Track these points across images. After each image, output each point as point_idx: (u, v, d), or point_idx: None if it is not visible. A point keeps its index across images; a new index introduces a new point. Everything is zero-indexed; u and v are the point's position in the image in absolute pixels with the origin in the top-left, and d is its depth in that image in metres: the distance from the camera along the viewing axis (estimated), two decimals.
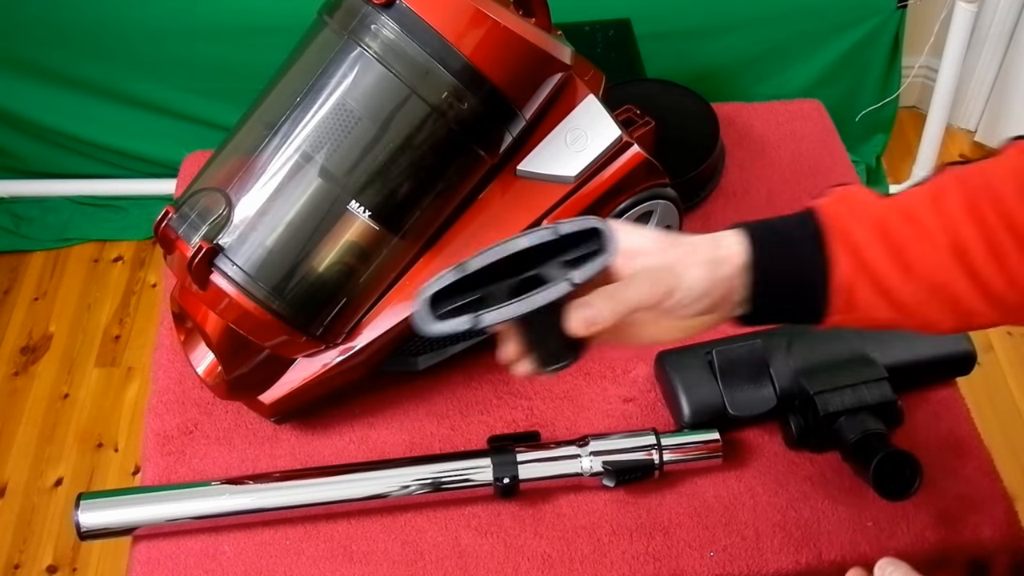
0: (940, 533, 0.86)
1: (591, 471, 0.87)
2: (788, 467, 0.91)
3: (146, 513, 0.86)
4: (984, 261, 0.61)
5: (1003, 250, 0.61)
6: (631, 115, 0.95)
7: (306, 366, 0.88)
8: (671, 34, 1.84)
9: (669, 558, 0.85)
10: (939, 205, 0.63)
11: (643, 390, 0.96)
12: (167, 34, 1.86)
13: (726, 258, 0.63)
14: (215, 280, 0.81)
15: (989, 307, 0.63)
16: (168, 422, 0.95)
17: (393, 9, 0.78)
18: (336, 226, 0.81)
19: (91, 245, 2.12)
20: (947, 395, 0.95)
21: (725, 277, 0.63)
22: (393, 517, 0.88)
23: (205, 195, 0.82)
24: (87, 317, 1.99)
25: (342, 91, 0.80)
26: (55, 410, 1.85)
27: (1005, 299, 0.62)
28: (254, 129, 0.83)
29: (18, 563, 1.66)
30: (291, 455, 0.93)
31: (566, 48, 0.87)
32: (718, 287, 0.63)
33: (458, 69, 0.79)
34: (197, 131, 1.99)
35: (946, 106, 1.97)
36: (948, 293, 0.62)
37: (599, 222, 0.61)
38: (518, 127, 0.85)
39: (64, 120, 2.02)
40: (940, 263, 0.62)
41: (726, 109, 1.21)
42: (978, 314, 0.63)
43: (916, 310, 0.64)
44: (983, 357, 1.80)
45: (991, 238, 0.61)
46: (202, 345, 0.89)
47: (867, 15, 1.90)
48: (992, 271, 0.61)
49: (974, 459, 0.91)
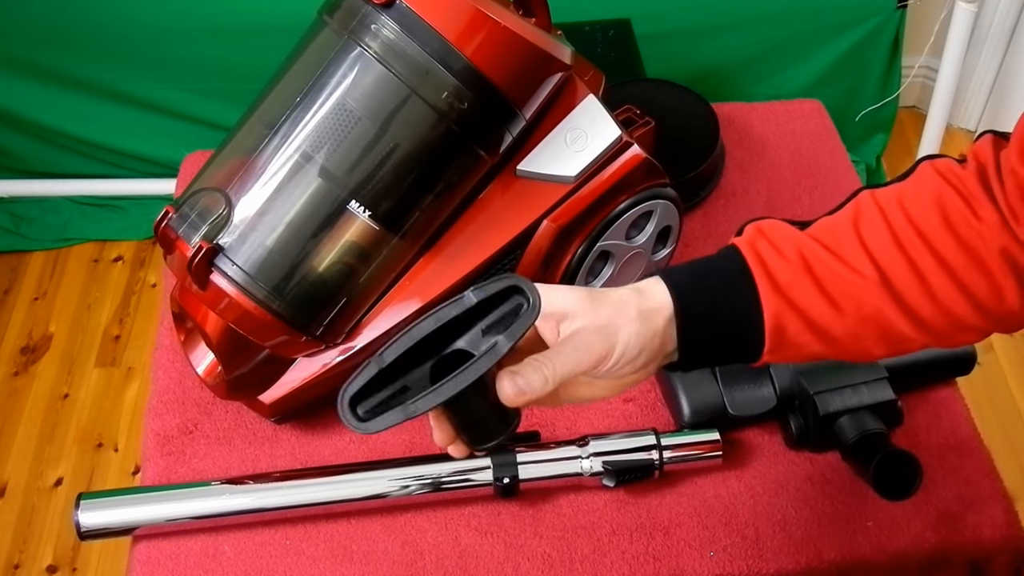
0: (940, 533, 0.86)
1: (591, 471, 0.87)
2: (788, 467, 0.91)
3: (146, 513, 0.86)
4: (912, 290, 0.62)
5: (929, 277, 0.61)
6: (631, 115, 0.95)
7: (306, 366, 0.88)
8: (671, 34, 1.84)
9: (669, 558, 0.85)
10: (861, 235, 0.63)
11: (643, 390, 0.96)
12: (167, 34, 1.86)
13: (655, 310, 0.61)
14: (215, 280, 0.81)
15: (920, 333, 0.63)
16: (168, 422, 0.95)
17: (393, 9, 0.78)
18: (336, 226, 0.81)
19: (91, 245, 2.12)
20: (947, 395, 0.95)
21: (657, 330, 0.61)
22: (393, 517, 0.88)
23: (205, 195, 0.82)
24: (87, 317, 1.99)
25: (342, 91, 0.80)
26: (55, 410, 1.85)
27: (935, 325, 0.63)
28: (254, 129, 0.83)
29: (18, 563, 1.66)
30: (291, 455, 0.93)
31: (566, 48, 0.87)
32: (652, 341, 0.61)
33: (458, 69, 0.79)
34: (197, 131, 1.98)
35: (946, 106, 1.97)
36: (878, 323, 0.62)
37: (514, 279, 0.57)
38: (518, 127, 0.85)
39: (64, 120, 2.01)
40: (868, 295, 0.62)
41: (726, 109, 1.21)
42: (909, 340, 0.64)
43: (847, 342, 0.63)
44: (983, 357, 1.80)
45: (917, 267, 0.61)
46: (202, 345, 0.89)
47: (867, 15, 1.90)
48: (921, 299, 0.62)
49: (974, 459, 0.91)
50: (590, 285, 0.94)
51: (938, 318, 0.62)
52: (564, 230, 0.88)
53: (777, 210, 1.12)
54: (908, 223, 0.62)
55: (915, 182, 0.65)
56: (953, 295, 0.62)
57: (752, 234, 0.65)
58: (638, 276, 0.98)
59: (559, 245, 0.89)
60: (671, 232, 0.98)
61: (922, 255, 0.61)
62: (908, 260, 0.61)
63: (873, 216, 0.63)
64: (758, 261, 0.63)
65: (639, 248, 0.95)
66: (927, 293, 0.62)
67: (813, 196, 1.14)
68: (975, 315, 0.62)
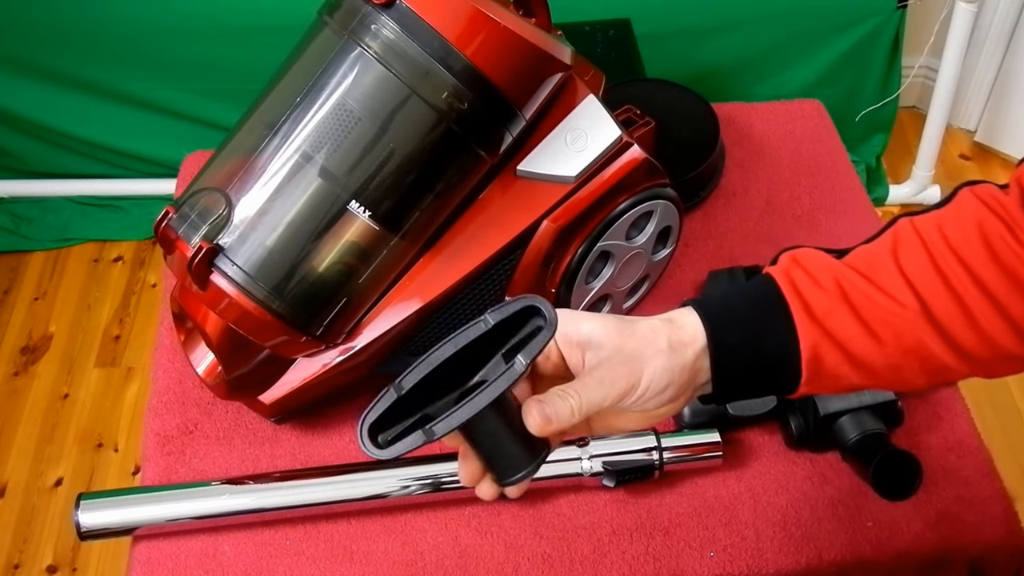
0: (940, 533, 0.86)
1: (591, 471, 0.87)
2: (788, 467, 0.91)
3: (146, 513, 0.86)
4: (955, 320, 0.60)
5: (972, 306, 0.60)
6: (631, 115, 0.95)
7: (306, 366, 0.88)
8: (671, 34, 1.85)
9: (669, 558, 0.85)
10: (900, 264, 0.61)
11: None
12: (167, 34, 1.86)
13: (686, 343, 0.60)
14: (215, 280, 0.81)
15: (962, 364, 0.61)
16: (168, 422, 0.95)
17: (393, 9, 0.78)
18: (336, 226, 0.81)
19: (91, 245, 2.12)
20: (947, 395, 0.95)
21: (687, 364, 0.60)
22: (393, 517, 0.88)
23: (205, 195, 0.82)
24: (87, 317, 1.99)
25: (342, 91, 0.80)
26: (55, 410, 1.85)
27: (978, 355, 0.61)
28: (254, 129, 0.83)
29: (18, 563, 1.66)
30: (291, 455, 0.93)
31: (566, 48, 0.87)
32: (680, 376, 0.60)
33: (458, 69, 0.79)
34: (197, 131, 1.99)
35: (946, 106, 1.97)
36: (919, 354, 0.61)
37: (530, 299, 0.56)
38: (518, 127, 0.85)
39: (64, 120, 2.02)
40: (909, 324, 0.60)
41: (726, 109, 1.21)
42: (952, 371, 0.62)
43: (887, 373, 0.62)
44: None
45: (959, 295, 0.60)
46: (202, 345, 0.89)
47: (867, 15, 1.90)
48: (963, 329, 0.60)
49: (974, 459, 0.91)
50: (590, 285, 0.94)
51: (981, 348, 0.60)
52: (564, 230, 0.88)
53: (777, 210, 1.12)
54: (949, 251, 0.60)
55: (955, 209, 0.63)
56: (997, 324, 0.60)
57: (787, 263, 0.63)
58: (638, 276, 0.98)
59: (559, 245, 0.89)
60: (671, 232, 0.98)
61: (964, 283, 0.60)
62: (950, 289, 0.60)
63: (912, 244, 0.61)
64: (794, 291, 0.61)
65: (639, 248, 0.95)
66: (970, 322, 0.60)
67: (813, 196, 1.14)
68: (1019, 344, 0.60)
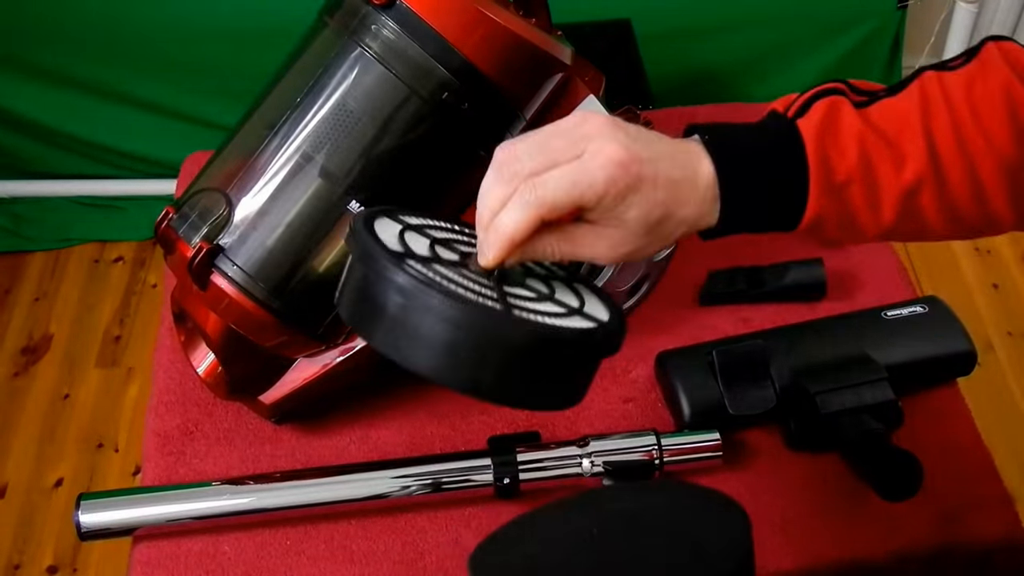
0: (940, 533, 0.86)
1: (591, 471, 0.87)
2: (788, 467, 0.91)
3: (146, 513, 0.86)
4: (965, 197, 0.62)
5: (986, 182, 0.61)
6: (631, 115, 0.95)
7: (307, 366, 0.88)
8: (671, 34, 1.84)
9: None
10: (930, 128, 0.62)
11: (643, 390, 0.96)
12: (168, 34, 1.86)
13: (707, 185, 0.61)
14: (215, 280, 0.81)
15: (950, 232, 0.64)
16: (168, 422, 0.95)
17: (393, 9, 0.78)
18: (337, 226, 0.81)
19: (91, 245, 2.12)
20: (947, 395, 0.95)
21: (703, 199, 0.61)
22: (394, 517, 0.88)
23: (205, 195, 0.82)
24: (87, 317, 1.99)
25: (342, 91, 0.80)
26: (55, 410, 1.85)
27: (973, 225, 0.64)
28: (254, 129, 0.83)
29: (18, 563, 1.66)
30: (291, 455, 0.93)
31: (566, 48, 0.87)
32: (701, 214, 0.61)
33: (458, 69, 0.79)
34: (197, 131, 1.99)
35: None
36: (916, 221, 0.63)
37: None
38: (518, 127, 0.85)
39: (64, 120, 2.01)
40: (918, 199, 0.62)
41: (726, 109, 1.21)
42: (936, 235, 0.65)
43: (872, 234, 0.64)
44: (983, 357, 1.80)
45: (977, 172, 0.61)
46: (202, 345, 0.89)
47: (867, 15, 1.90)
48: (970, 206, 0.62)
49: (974, 459, 0.91)
50: None
51: (978, 219, 0.63)
52: None
53: None
54: (975, 122, 0.61)
55: (982, 69, 0.63)
56: (1002, 202, 0.62)
57: (821, 126, 0.64)
58: (638, 276, 0.98)
59: None
60: None
61: (984, 158, 0.61)
62: (969, 165, 0.61)
63: (940, 110, 0.62)
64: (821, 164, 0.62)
65: None
66: (977, 198, 0.62)
67: None
68: (1014, 218, 0.63)
